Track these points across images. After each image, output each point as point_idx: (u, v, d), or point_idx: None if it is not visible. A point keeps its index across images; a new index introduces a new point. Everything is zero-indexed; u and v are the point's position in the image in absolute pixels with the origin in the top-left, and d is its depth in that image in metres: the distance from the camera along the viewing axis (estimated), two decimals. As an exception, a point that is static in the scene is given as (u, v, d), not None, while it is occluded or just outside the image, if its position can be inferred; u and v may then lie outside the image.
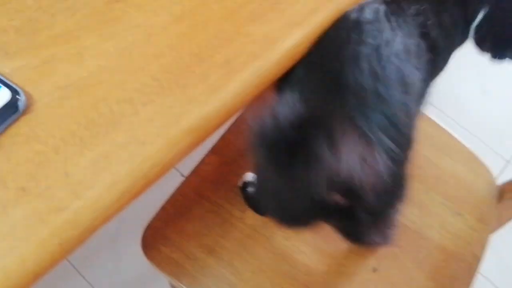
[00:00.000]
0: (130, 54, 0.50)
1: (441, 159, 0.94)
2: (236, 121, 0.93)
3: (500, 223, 0.98)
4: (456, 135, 0.98)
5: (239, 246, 0.83)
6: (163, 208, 0.84)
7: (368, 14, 0.56)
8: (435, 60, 0.69)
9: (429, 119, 0.99)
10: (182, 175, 1.00)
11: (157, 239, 0.81)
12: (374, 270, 0.85)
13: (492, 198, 0.93)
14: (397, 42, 0.57)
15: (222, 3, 0.54)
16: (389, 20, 0.58)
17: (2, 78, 0.47)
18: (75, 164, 0.43)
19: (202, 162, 0.89)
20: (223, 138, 0.91)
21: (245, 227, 0.84)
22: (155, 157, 0.45)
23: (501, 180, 0.95)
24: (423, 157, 0.95)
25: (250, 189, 0.85)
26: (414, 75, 0.61)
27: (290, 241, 0.84)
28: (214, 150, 0.90)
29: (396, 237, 0.86)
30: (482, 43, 0.76)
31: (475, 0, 0.71)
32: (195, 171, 0.88)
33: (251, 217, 0.85)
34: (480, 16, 0.72)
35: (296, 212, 0.66)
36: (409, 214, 0.89)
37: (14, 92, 0.45)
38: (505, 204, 0.92)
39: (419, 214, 0.89)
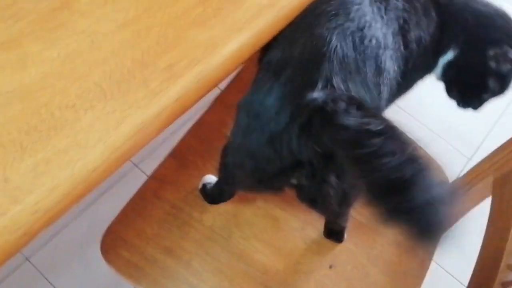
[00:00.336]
0: (73, 60, 0.51)
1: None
2: (197, 124, 0.95)
3: (455, 218, 1.01)
4: (412, 135, 1.01)
5: (198, 247, 0.84)
6: (123, 212, 0.85)
7: None
8: (404, 73, 0.70)
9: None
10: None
11: (116, 242, 0.82)
12: (331, 266, 0.87)
13: (444, 194, 0.96)
14: (377, 29, 0.62)
15: (166, 9, 0.55)
16: (372, 6, 0.64)
17: None
18: (15, 169, 0.44)
19: (162, 165, 0.90)
20: (183, 141, 0.93)
21: (204, 229, 0.86)
22: (96, 161, 0.46)
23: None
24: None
25: (209, 185, 0.87)
26: (389, 64, 0.64)
27: (248, 241, 0.86)
28: (173, 154, 0.91)
29: (351, 234, 0.90)
30: (450, 90, 0.80)
31: (449, 34, 0.74)
32: (155, 175, 0.89)
33: (210, 219, 0.86)
34: (449, 55, 0.75)
35: (272, 168, 0.64)
36: (364, 211, 0.91)
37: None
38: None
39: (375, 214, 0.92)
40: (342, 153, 0.55)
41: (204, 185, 0.88)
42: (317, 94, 0.54)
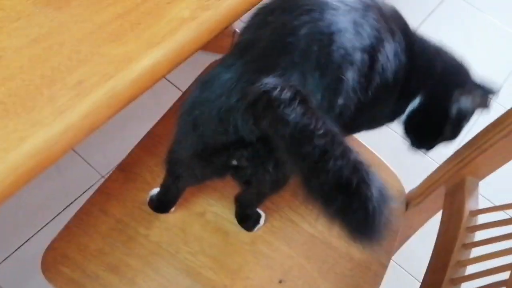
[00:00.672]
0: (-22, 78, 0.50)
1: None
2: (146, 136, 0.93)
3: (411, 229, 1.00)
4: (366, 145, 1.00)
5: (143, 264, 0.82)
6: (66, 227, 0.83)
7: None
8: (364, 103, 0.68)
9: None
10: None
11: (57, 259, 0.80)
12: (280, 281, 0.85)
13: (398, 206, 0.95)
14: (348, 40, 0.62)
15: (81, 24, 0.54)
16: (348, 17, 0.63)
17: None
18: None
19: (108, 179, 0.88)
20: (131, 154, 0.91)
21: (150, 244, 0.84)
22: (-7, 182, 0.44)
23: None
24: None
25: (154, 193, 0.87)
26: (351, 81, 0.63)
27: (196, 256, 0.84)
28: (121, 166, 0.90)
29: (302, 247, 0.88)
30: (407, 131, 0.81)
31: (418, 82, 0.75)
32: (100, 188, 0.87)
33: (157, 234, 0.85)
34: (415, 102, 0.76)
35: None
36: (317, 224, 0.90)
37: None
38: (411, 211, 0.95)
39: (327, 224, 0.90)
40: (280, 144, 0.55)
41: (151, 197, 0.86)
42: (270, 80, 0.54)
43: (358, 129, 0.82)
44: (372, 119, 0.79)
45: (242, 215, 0.87)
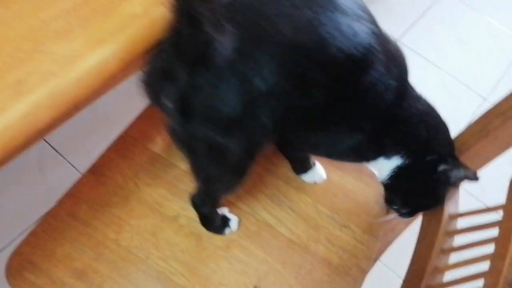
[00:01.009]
0: None
1: (330, 171, 0.93)
2: (119, 138, 0.91)
3: (394, 233, 0.97)
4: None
5: (112, 269, 0.79)
6: (32, 233, 0.81)
7: None
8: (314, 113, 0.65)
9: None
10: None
11: (22, 265, 0.78)
12: (255, 287, 0.83)
13: (380, 210, 0.92)
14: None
15: (26, 21, 0.51)
16: None
17: None
18: None
19: (78, 181, 0.86)
20: (103, 156, 0.89)
21: (120, 249, 0.81)
22: None
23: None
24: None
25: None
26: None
27: (167, 261, 0.81)
28: (92, 169, 0.87)
29: (279, 252, 0.85)
30: (392, 200, 0.79)
31: (402, 137, 0.71)
32: (70, 192, 0.85)
33: (127, 239, 0.82)
34: (395, 161, 0.73)
35: None
36: (295, 229, 0.87)
37: None
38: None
39: (306, 228, 0.87)
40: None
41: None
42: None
43: (315, 149, 0.79)
44: (331, 144, 0.73)
45: (204, 217, 0.84)
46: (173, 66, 0.57)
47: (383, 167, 0.75)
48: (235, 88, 0.58)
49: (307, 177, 0.91)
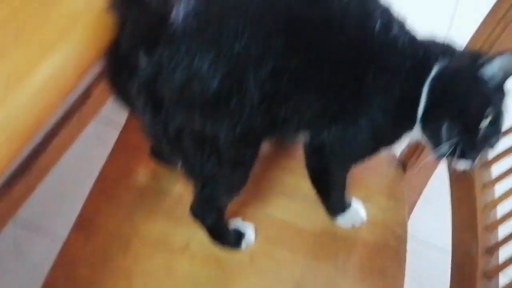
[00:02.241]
0: None
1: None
2: (97, 181, 0.80)
3: (416, 191, 0.90)
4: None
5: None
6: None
7: None
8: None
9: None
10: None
11: None
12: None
13: (396, 171, 0.85)
14: None
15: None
16: None
17: None
18: None
19: (66, 243, 0.74)
20: (85, 208, 0.78)
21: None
22: None
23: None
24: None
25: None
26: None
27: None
28: (77, 225, 0.76)
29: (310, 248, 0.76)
30: (437, 126, 0.63)
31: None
32: (61, 257, 0.73)
33: (140, 285, 0.71)
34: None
35: None
36: (316, 218, 0.79)
37: None
38: (410, 172, 0.85)
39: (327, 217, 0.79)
40: None
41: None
42: None
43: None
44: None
45: (212, 231, 0.74)
46: (131, 56, 0.50)
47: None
48: (208, 59, 0.51)
49: (344, 220, 0.77)
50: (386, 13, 0.61)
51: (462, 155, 0.61)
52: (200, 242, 0.75)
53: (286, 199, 0.80)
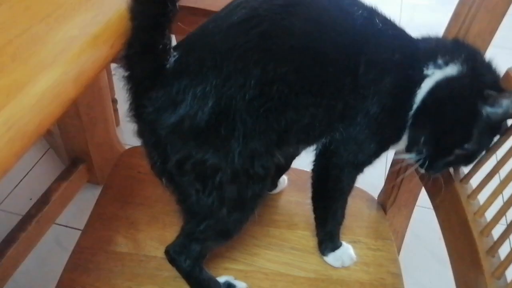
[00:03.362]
0: None
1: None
2: (74, 254, 0.75)
3: (402, 227, 0.90)
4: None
5: None
6: None
7: None
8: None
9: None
10: None
11: None
12: None
13: (377, 212, 0.86)
14: None
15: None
16: None
17: None
18: None
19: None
20: (61, 283, 0.71)
21: None
22: None
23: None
24: (294, 203, 0.86)
25: None
26: None
27: None
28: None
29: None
30: (416, 139, 0.65)
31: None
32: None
33: None
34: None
35: None
36: (308, 265, 0.76)
37: None
38: (392, 211, 0.86)
39: (317, 260, 0.77)
40: None
41: None
42: None
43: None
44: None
45: (188, 278, 0.70)
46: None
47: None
48: (196, 93, 0.55)
49: (335, 258, 0.76)
50: (365, 6, 0.62)
51: (428, 168, 0.64)
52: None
53: (274, 252, 0.78)
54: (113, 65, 1.21)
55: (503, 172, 0.62)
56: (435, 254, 1.23)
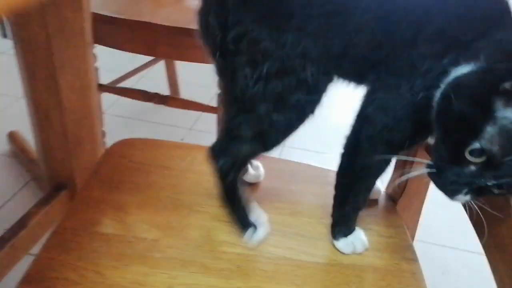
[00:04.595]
0: None
1: (313, 189, 0.80)
2: (54, 234, 0.67)
3: (414, 216, 0.84)
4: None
5: None
6: None
7: None
8: None
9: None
10: None
11: None
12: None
13: (386, 203, 0.80)
14: None
15: None
16: None
17: None
18: None
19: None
20: (38, 261, 0.62)
21: None
22: None
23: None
24: (298, 193, 0.80)
25: None
26: None
27: None
28: (26, 279, 0.60)
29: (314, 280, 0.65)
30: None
31: None
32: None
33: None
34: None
35: None
36: (316, 251, 0.69)
37: None
38: (402, 202, 0.80)
39: (327, 245, 0.70)
40: None
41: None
42: None
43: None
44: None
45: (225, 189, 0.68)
46: None
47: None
48: None
49: (345, 244, 0.69)
50: None
51: (434, 177, 0.54)
52: (187, 286, 0.61)
53: (278, 238, 0.70)
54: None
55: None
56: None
